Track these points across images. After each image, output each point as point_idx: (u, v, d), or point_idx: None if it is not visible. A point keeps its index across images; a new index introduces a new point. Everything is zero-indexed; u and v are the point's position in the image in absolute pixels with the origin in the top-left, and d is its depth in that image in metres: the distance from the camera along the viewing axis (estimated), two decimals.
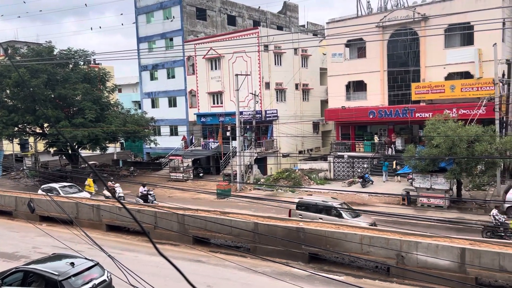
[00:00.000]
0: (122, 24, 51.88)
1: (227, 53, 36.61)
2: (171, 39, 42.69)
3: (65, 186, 25.45)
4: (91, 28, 54.01)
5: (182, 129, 42.23)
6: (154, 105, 44.96)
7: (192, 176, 34.81)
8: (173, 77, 43.10)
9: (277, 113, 36.46)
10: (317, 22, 52.47)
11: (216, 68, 39.00)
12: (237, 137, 30.55)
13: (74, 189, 25.41)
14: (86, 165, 37.47)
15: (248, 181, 31.39)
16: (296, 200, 20.32)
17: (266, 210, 21.89)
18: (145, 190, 23.41)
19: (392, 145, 30.89)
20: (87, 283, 11.66)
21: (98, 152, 37.12)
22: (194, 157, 37.22)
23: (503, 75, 25.87)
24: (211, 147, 38.28)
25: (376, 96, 31.49)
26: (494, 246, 12.75)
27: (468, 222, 18.66)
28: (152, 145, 38.08)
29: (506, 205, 19.79)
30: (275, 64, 37.21)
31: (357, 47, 32.93)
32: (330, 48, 33.85)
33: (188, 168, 35.51)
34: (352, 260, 15.08)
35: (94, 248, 11.88)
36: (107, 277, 12.28)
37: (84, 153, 36.49)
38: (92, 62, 45.74)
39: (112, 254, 10.72)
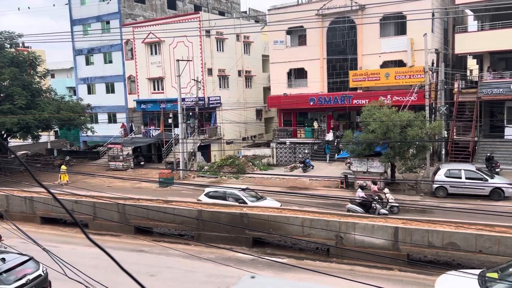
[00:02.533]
0: (54, 5, 48.04)
1: (168, 38, 35.63)
2: (108, 22, 40.78)
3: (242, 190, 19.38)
4: (19, 9, 49.90)
5: (121, 116, 40.79)
6: (90, 91, 42.93)
7: (132, 164, 33.85)
8: (111, 62, 41.32)
9: (220, 99, 36.24)
10: (259, 9, 52.57)
11: (156, 53, 37.90)
12: (179, 124, 30.03)
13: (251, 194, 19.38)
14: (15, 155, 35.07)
15: (192, 169, 31.09)
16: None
17: None
18: None
19: (338, 131, 31.84)
20: (20, 278, 11.06)
21: (30, 141, 34.93)
22: (134, 145, 36.16)
23: (433, 63, 27.50)
24: (152, 135, 37.36)
25: (316, 83, 32.25)
26: (424, 224, 13.66)
27: (401, 202, 19.85)
28: (89, 133, 36.50)
29: (435, 186, 21.24)
30: (218, 50, 36.83)
31: (298, 35, 33.41)
32: (271, 35, 34.06)
33: (128, 156, 34.46)
34: (294, 243, 15.52)
35: (27, 242, 11.24)
36: (43, 271, 11.70)
37: (15, 142, 34.17)
38: (20, 45, 42.63)
39: (48, 247, 10.21)
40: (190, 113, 33.41)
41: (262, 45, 41.40)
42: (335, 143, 30.50)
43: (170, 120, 34.61)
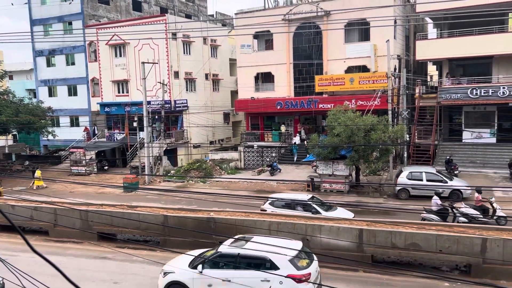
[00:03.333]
0: (12, 4, 45.98)
1: (133, 40, 35.04)
2: (70, 23, 39.64)
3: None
4: None
5: (84, 120, 39.65)
6: (51, 93, 41.54)
7: (96, 169, 32.94)
8: (73, 63, 40.16)
9: (187, 103, 35.92)
10: (226, 13, 52.59)
11: (121, 55, 37.16)
12: (144, 128, 29.52)
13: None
14: None
15: (158, 173, 30.60)
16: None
17: (176, 202, 21.56)
18: None
19: (306, 134, 32.13)
20: None
21: None
22: (97, 149, 35.20)
23: (395, 69, 28.34)
24: (116, 139, 36.53)
25: (283, 87, 32.55)
26: (387, 225, 13.98)
27: (365, 204, 20.27)
28: (50, 137, 35.26)
29: (398, 188, 21.83)
30: (184, 53, 36.51)
31: (265, 39, 33.64)
32: (239, 39, 34.12)
33: (92, 161, 33.54)
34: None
35: None
36: (0, 282, 11.15)
37: None
38: None
39: (4, 256, 9.73)
40: (156, 117, 32.92)
41: (230, 48, 41.41)
42: (305, 146, 30.85)
43: (135, 124, 33.96)
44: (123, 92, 37.61)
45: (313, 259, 11.01)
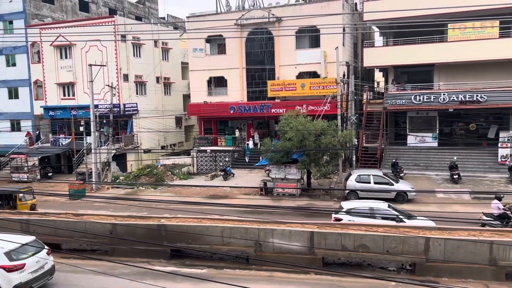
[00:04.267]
0: None
1: (80, 41, 33.70)
2: (11, 22, 37.51)
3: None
4: None
5: (26, 124, 37.56)
6: None
7: (39, 176, 31.28)
8: (14, 65, 38.01)
9: (137, 107, 35.01)
10: (178, 16, 51.93)
11: (66, 57, 35.64)
12: (92, 133, 28.41)
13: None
14: None
15: (106, 180, 29.54)
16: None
17: (126, 209, 20.85)
18: None
19: (259, 139, 32.28)
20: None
21: None
22: (41, 155, 33.44)
23: (344, 75, 29.17)
24: (61, 144, 34.90)
25: (236, 92, 32.57)
26: (337, 228, 14.30)
27: (317, 207, 20.67)
28: None
29: (347, 190, 22.44)
30: (134, 56, 35.61)
31: (218, 43, 33.55)
32: (191, 42, 33.80)
33: (34, 167, 31.82)
34: (214, 252, 15.35)
35: None
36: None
37: None
38: None
39: None
40: (104, 121, 31.80)
41: (182, 52, 40.91)
42: (259, 150, 30.99)
43: (81, 128, 32.59)
44: (69, 95, 36.06)
45: (39, 252, 12.65)
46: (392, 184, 21.71)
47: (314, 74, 30.53)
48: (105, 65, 32.41)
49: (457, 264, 12.54)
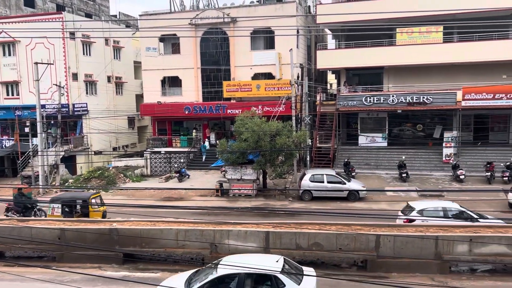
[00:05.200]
0: None
1: (25, 38, 32.04)
2: None
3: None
4: None
5: None
6: None
7: None
8: None
9: (87, 107, 33.78)
10: (130, 14, 50.60)
11: (10, 54, 33.80)
12: (38, 134, 27.07)
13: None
14: None
15: (54, 183, 28.25)
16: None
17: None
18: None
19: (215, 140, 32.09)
20: None
21: None
22: None
23: (298, 77, 29.63)
24: (4, 146, 33.04)
25: (191, 92, 32.23)
26: (292, 227, 14.49)
27: (272, 207, 20.86)
28: None
29: (301, 190, 22.78)
30: (84, 54, 34.35)
31: (172, 43, 33.05)
32: (144, 41, 33.06)
33: None
34: (169, 255, 15.07)
35: None
36: None
37: None
38: None
39: None
40: (52, 122, 30.42)
41: (134, 51, 39.90)
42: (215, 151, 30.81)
43: (27, 129, 30.98)
44: (12, 95, 34.18)
45: None
46: (345, 183, 22.29)
47: (269, 76, 30.79)
48: (53, 64, 31.08)
49: (405, 259, 13.07)
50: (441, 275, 12.82)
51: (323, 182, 22.45)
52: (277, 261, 10.68)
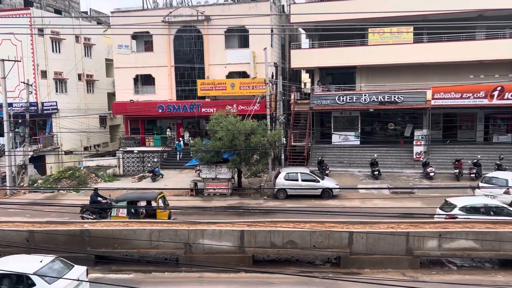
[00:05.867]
0: None
1: None
2: None
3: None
4: None
5: None
6: None
7: None
8: None
9: (56, 105, 32.89)
10: (101, 10, 49.49)
11: None
12: (5, 133, 26.17)
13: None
14: None
15: (22, 184, 27.38)
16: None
17: (45, 215, 19.45)
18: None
19: (189, 139, 31.81)
20: None
21: None
22: None
23: (272, 76, 29.74)
24: None
25: (165, 90, 31.84)
26: (267, 225, 14.52)
27: (247, 206, 20.85)
28: None
29: (276, 188, 22.86)
30: (54, 51, 33.44)
31: (144, 40, 32.55)
32: (115, 38, 32.43)
33: None
34: (142, 256, 14.86)
35: None
36: None
37: None
38: None
39: None
40: (20, 121, 29.46)
41: (106, 48, 39.11)
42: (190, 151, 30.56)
43: None
44: None
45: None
46: (319, 181, 22.51)
47: (244, 74, 30.76)
48: (20, 61, 30.09)
49: (377, 256, 13.33)
50: (412, 270, 13.15)
51: (297, 180, 22.61)
52: (40, 261, 11.45)
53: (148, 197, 18.39)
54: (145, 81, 32.87)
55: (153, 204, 17.81)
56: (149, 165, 30.98)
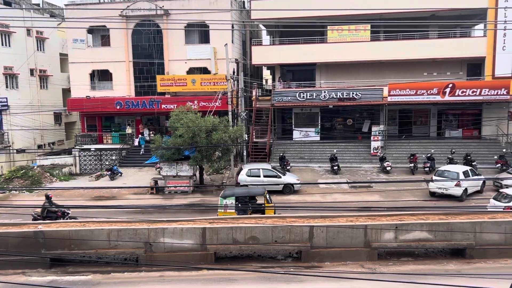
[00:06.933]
0: None
1: None
2: None
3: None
4: None
5: None
6: None
7: None
8: None
9: (7, 101, 31.27)
10: (55, 3, 47.46)
11: None
12: None
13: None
14: None
15: None
16: None
17: None
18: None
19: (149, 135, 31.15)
20: None
21: None
22: None
23: (234, 72, 29.64)
24: None
25: (123, 86, 31.02)
26: (228, 222, 14.50)
27: (210, 203, 20.73)
28: None
29: (240, 184, 22.86)
30: (3, 45, 31.78)
31: (101, 35, 31.54)
32: (70, 32, 31.23)
33: None
34: (100, 257, 14.45)
35: None
36: None
37: None
38: None
39: None
40: None
41: (60, 42, 37.56)
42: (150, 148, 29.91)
43: None
44: None
45: None
46: (280, 177, 22.73)
47: (205, 70, 30.47)
48: None
49: (337, 249, 13.64)
50: (370, 262, 13.54)
51: (259, 176, 22.72)
52: None
53: (256, 193, 17.86)
54: (102, 76, 31.87)
55: (259, 200, 17.37)
56: (107, 163, 30.11)
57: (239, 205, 16.65)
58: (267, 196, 17.17)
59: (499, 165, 24.96)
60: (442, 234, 13.76)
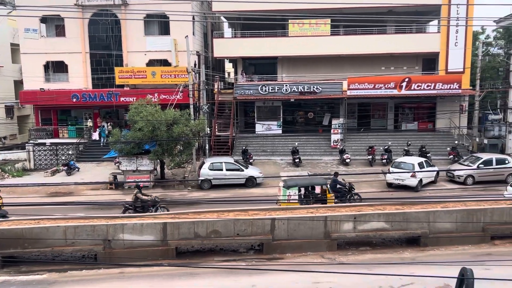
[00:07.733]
0: None
1: None
2: None
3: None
4: None
5: None
6: None
7: None
8: None
9: None
10: None
11: None
12: None
13: None
14: None
15: None
16: None
17: None
18: None
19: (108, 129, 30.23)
20: None
21: None
22: None
23: (195, 65, 29.25)
24: None
25: (80, 78, 29.95)
26: (190, 216, 14.37)
27: (170, 198, 20.47)
28: None
29: (201, 179, 22.71)
30: None
31: (55, 24, 30.26)
32: (22, 21, 29.73)
33: None
34: (56, 255, 13.96)
35: None
36: None
37: None
38: None
39: None
40: None
41: (11, 32, 35.68)
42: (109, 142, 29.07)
43: None
44: None
45: None
46: (243, 170, 22.76)
47: (165, 62, 29.92)
48: None
49: (298, 240, 13.84)
50: (330, 252, 13.84)
51: (222, 170, 22.65)
52: None
53: (318, 182, 17.73)
54: (57, 68, 30.60)
55: (318, 190, 17.18)
56: (63, 158, 29.05)
57: (301, 195, 16.76)
58: (328, 185, 17.27)
59: (452, 156, 26.14)
60: (398, 224, 14.25)
